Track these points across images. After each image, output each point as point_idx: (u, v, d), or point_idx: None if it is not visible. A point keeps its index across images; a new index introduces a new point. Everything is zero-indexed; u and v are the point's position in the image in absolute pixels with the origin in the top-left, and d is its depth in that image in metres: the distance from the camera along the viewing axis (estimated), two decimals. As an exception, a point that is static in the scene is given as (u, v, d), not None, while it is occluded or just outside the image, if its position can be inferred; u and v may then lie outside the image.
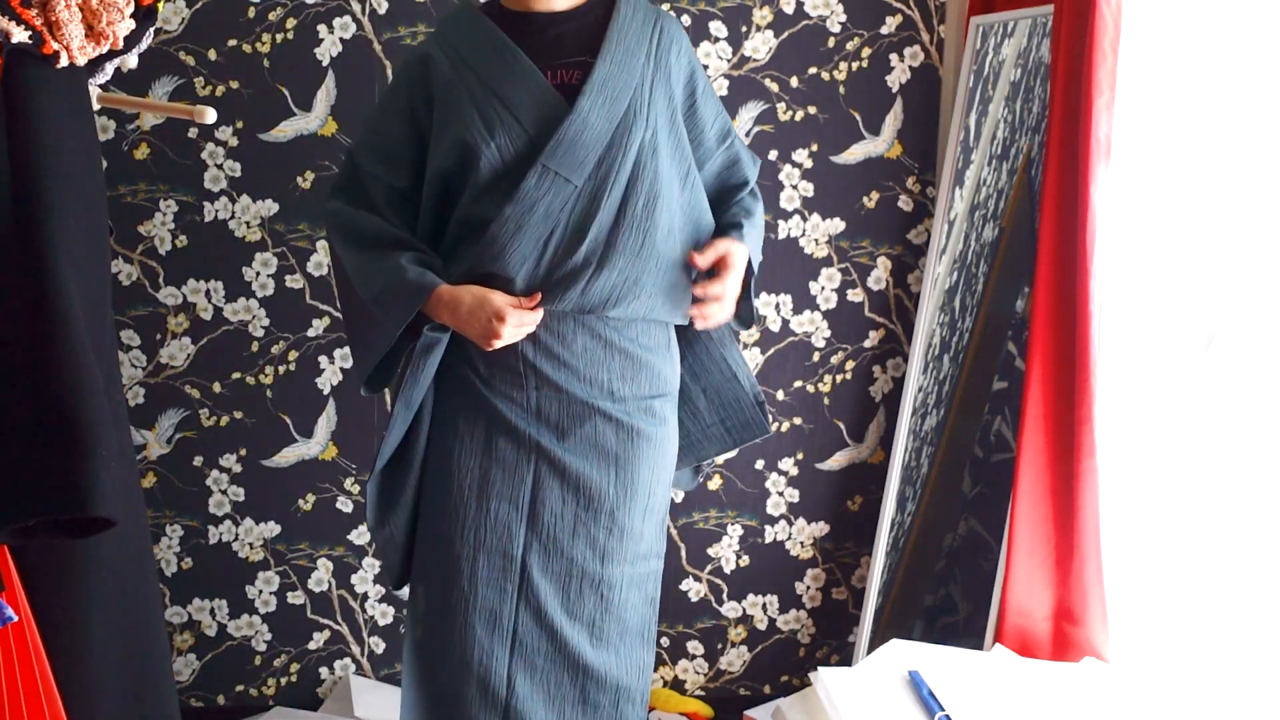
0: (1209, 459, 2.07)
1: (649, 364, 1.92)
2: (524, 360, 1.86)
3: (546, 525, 1.88)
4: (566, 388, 1.87)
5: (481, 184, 1.82)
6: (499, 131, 1.82)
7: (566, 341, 1.86)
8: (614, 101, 1.83)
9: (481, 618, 1.88)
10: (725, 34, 2.65)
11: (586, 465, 1.88)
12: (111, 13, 1.57)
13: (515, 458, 1.88)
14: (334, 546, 2.73)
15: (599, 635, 1.92)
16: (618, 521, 1.90)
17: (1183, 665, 2.08)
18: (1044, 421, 2.24)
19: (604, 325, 1.87)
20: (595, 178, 1.82)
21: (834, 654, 2.88)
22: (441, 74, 1.86)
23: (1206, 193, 2.08)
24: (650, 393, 1.93)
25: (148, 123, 2.57)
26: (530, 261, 1.81)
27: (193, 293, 2.62)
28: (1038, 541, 2.25)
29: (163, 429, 2.66)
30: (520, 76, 1.84)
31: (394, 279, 1.82)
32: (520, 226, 1.80)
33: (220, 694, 2.75)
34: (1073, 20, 2.20)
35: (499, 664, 1.89)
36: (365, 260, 1.86)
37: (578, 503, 1.89)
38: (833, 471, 2.83)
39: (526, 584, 1.88)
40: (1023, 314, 2.45)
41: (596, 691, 1.93)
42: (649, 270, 1.85)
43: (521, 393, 1.87)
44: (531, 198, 1.80)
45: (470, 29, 1.89)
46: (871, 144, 2.73)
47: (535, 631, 1.89)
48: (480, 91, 1.84)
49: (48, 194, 1.48)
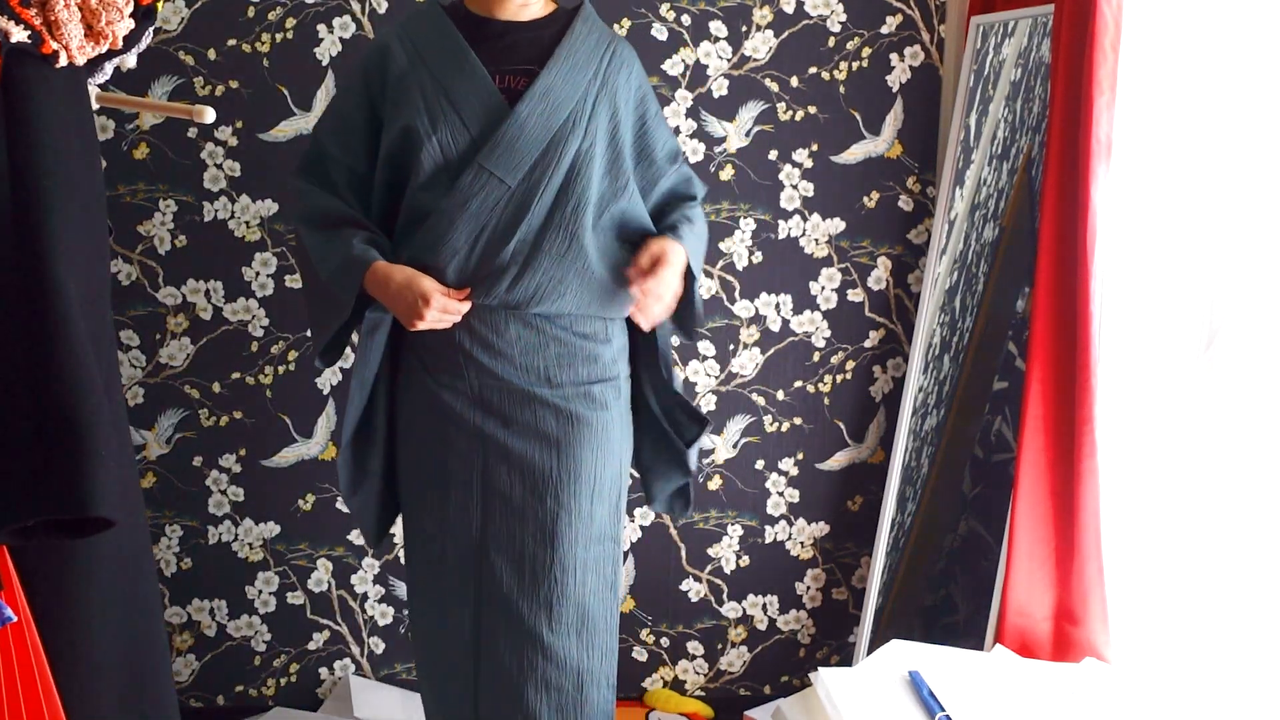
0: (1209, 459, 2.07)
1: (587, 351, 1.99)
2: (461, 351, 1.95)
3: (498, 509, 1.97)
4: (504, 376, 1.96)
5: (423, 175, 1.92)
6: (442, 126, 1.91)
7: (500, 331, 1.95)
8: (554, 111, 1.92)
9: (453, 598, 1.99)
10: (725, 34, 2.65)
11: (530, 449, 1.97)
12: (111, 12, 1.57)
13: (466, 445, 1.97)
14: (334, 547, 2.73)
15: (557, 619, 1.98)
16: (564, 504, 1.97)
17: (1183, 665, 2.08)
18: (1044, 421, 2.24)
19: (535, 316, 1.95)
20: (529, 180, 1.91)
21: (834, 654, 2.88)
22: (397, 65, 1.95)
23: (1207, 192, 2.08)
24: (589, 379, 2.00)
25: (147, 122, 2.56)
26: (460, 255, 1.91)
27: (192, 293, 2.62)
28: (1038, 541, 2.25)
29: (162, 429, 2.65)
30: (468, 76, 1.93)
31: (344, 255, 1.91)
32: (453, 221, 1.89)
33: (220, 694, 2.75)
34: (1073, 20, 2.20)
35: (467, 644, 2.00)
36: (323, 239, 1.95)
37: (524, 485, 1.97)
38: (833, 471, 2.82)
39: (485, 566, 1.98)
40: (1023, 314, 2.45)
41: (557, 674, 1.99)
42: (575, 271, 1.93)
43: (464, 382, 1.97)
44: (466, 194, 1.90)
45: (430, 25, 1.98)
46: (872, 144, 2.73)
47: (495, 614, 1.98)
48: (430, 86, 1.93)
49: (47, 194, 1.48)
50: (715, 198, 2.70)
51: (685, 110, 2.66)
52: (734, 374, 2.76)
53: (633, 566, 2.79)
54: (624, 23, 2.62)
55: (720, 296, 2.73)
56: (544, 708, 1.98)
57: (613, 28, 2.61)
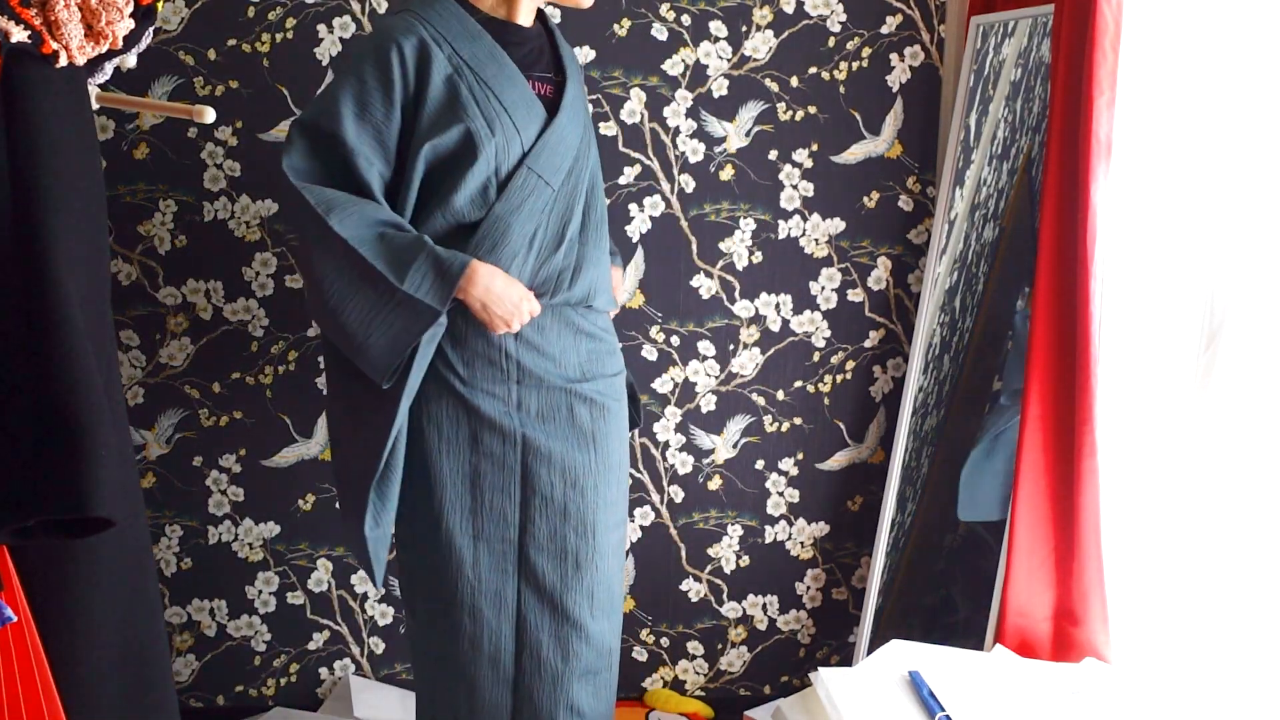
0: (1209, 459, 2.07)
1: (608, 345, 2.10)
2: (506, 355, 1.98)
3: (538, 508, 2.01)
4: (545, 377, 2.00)
5: (473, 180, 1.92)
6: (499, 130, 1.93)
7: (545, 332, 2.00)
8: (579, 117, 2.03)
9: (488, 600, 2.00)
10: (725, 34, 2.65)
11: (568, 447, 2.01)
12: (111, 12, 1.57)
13: (502, 450, 1.99)
14: (334, 547, 2.73)
15: (596, 605, 2.05)
16: (601, 495, 2.05)
17: (1183, 665, 2.08)
18: (1044, 421, 2.24)
19: (575, 313, 2.03)
20: (568, 183, 1.98)
21: (834, 654, 2.88)
22: (438, 63, 1.92)
23: (1207, 192, 2.08)
24: (612, 371, 2.10)
25: (147, 122, 2.56)
26: (519, 258, 1.94)
27: (192, 292, 2.62)
28: (1038, 541, 2.25)
29: (162, 429, 2.65)
30: (511, 81, 1.96)
31: (432, 258, 1.86)
32: (509, 225, 1.93)
33: (220, 694, 2.75)
34: (1073, 19, 2.20)
35: (507, 642, 2.02)
36: (390, 248, 1.86)
37: (565, 482, 2.02)
38: (833, 471, 2.82)
39: (525, 565, 2.01)
40: (1023, 314, 2.45)
41: (595, 658, 2.06)
42: (603, 268, 2.07)
43: (503, 387, 1.98)
44: (519, 198, 1.93)
45: (458, 24, 1.95)
46: (872, 144, 2.73)
47: (538, 609, 2.02)
48: (480, 90, 1.93)
49: (47, 194, 1.48)
50: (715, 198, 2.70)
51: (685, 110, 2.66)
52: (734, 374, 2.76)
53: (633, 566, 2.79)
54: (624, 23, 2.62)
55: (720, 296, 2.73)
56: (584, 693, 2.04)
57: (612, 28, 2.61)
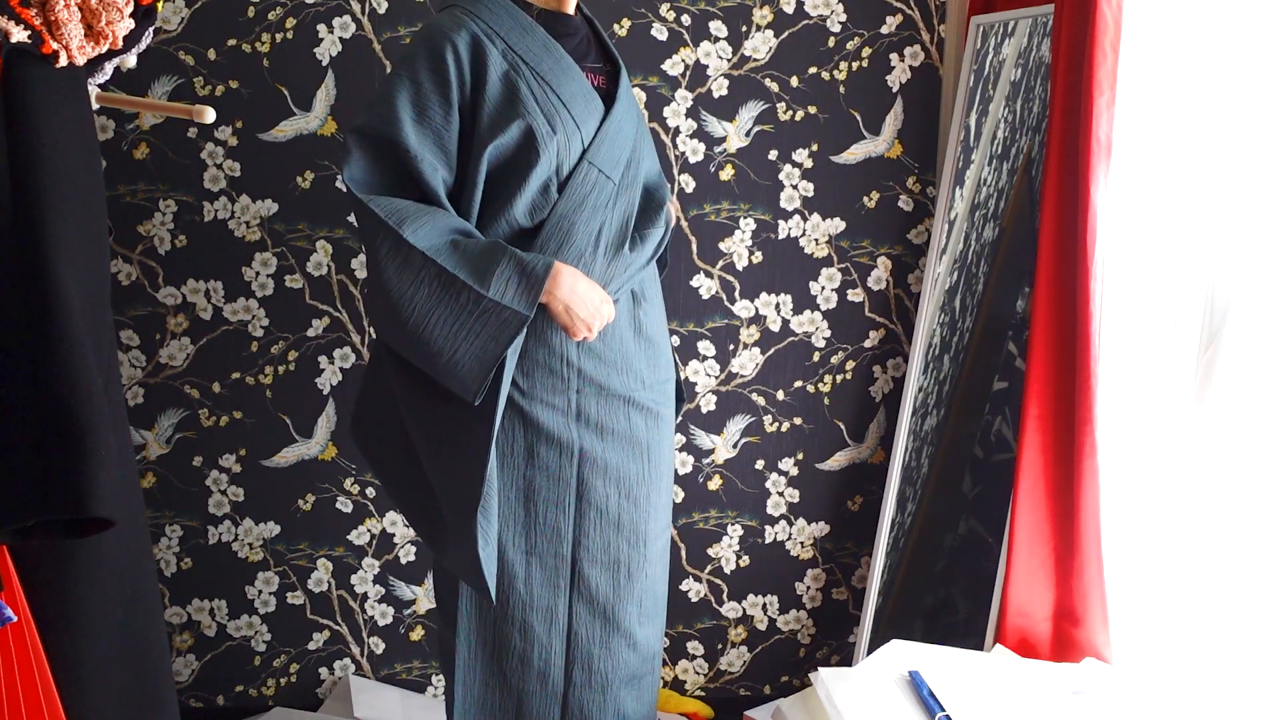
0: (1209, 459, 2.07)
1: (664, 348, 2.07)
2: (567, 363, 1.93)
3: (593, 521, 1.98)
4: (606, 384, 1.96)
5: (534, 178, 1.87)
6: (559, 126, 1.88)
7: (606, 337, 1.95)
8: (633, 106, 1.98)
9: (538, 616, 1.98)
10: (725, 34, 2.65)
11: (625, 458, 1.99)
12: (111, 12, 1.57)
13: (558, 463, 1.95)
14: (334, 547, 2.73)
15: (644, 612, 2.05)
16: (651, 503, 2.03)
17: (1183, 665, 2.08)
18: (1044, 421, 2.24)
19: (639, 311, 1.99)
20: (628, 176, 1.94)
21: (834, 654, 2.88)
22: (493, 59, 1.87)
23: (1207, 192, 2.08)
24: (667, 376, 2.07)
25: (147, 122, 2.56)
26: (585, 256, 1.89)
27: (192, 292, 2.62)
28: (1038, 541, 2.25)
29: (162, 429, 2.65)
30: (568, 75, 1.91)
31: (515, 262, 1.80)
32: (574, 223, 1.89)
33: (220, 694, 2.75)
34: (1073, 19, 2.20)
35: (557, 657, 2.00)
36: (467, 256, 1.81)
37: (619, 494, 1.99)
38: (833, 471, 2.82)
39: (578, 578, 1.99)
40: (1023, 314, 2.45)
41: (640, 664, 2.05)
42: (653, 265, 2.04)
43: (562, 397, 1.94)
44: (581, 193, 1.89)
45: (510, 18, 1.91)
46: (871, 144, 2.73)
47: (590, 621, 2.00)
48: (538, 86, 1.88)
49: (47, 194, 1.48)
50: (715, 198, 2.70)
51: (685, 110, 2.66)
52: (734, 374, 2.76)
53: (633, 566, 2.79)
54: (624, 23, 2.62)
55: (720, 296, 2.73)
56: (629, 698, 2.04)
57: (612, 27, 2.61)
